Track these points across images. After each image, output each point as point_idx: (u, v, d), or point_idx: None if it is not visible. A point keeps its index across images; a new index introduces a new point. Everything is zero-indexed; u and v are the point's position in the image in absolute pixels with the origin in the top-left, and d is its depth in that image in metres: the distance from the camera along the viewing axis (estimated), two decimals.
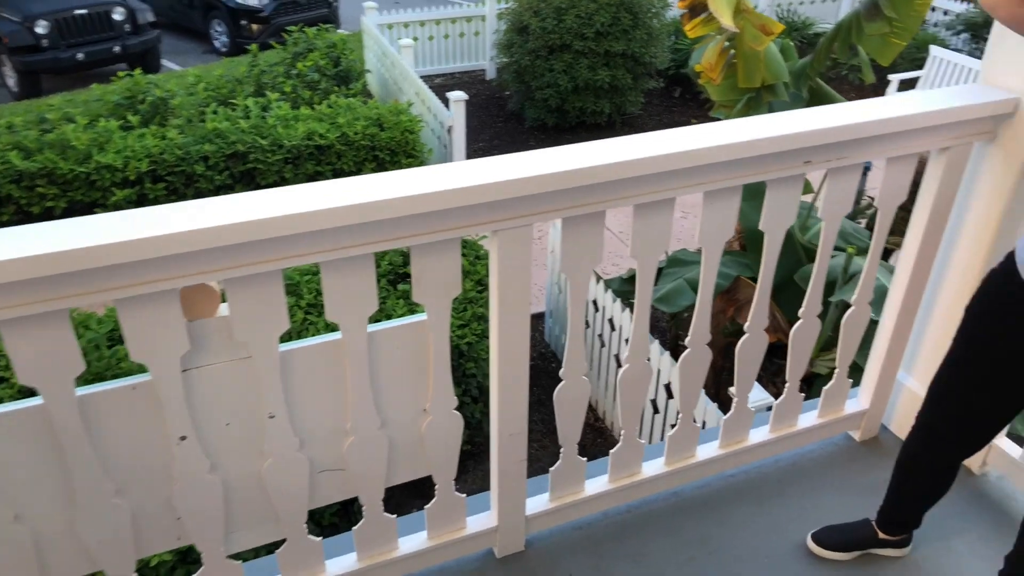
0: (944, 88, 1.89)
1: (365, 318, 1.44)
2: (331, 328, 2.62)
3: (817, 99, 3.60)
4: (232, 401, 1.44)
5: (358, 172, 5.83)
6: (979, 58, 7.94)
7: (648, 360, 1.82)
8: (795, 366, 2.07)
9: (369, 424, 1.55)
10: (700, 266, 3.76)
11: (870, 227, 4.47)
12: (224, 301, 1.36)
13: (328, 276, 1.37)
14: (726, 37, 3.37)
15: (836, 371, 2.16)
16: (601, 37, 7.62)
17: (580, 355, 1.72)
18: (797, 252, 3.58)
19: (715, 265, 1.77)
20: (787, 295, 3.45)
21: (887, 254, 4.32)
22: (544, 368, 4.86)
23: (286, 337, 1.44)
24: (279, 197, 1.27)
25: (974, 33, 8.34)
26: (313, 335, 3.42)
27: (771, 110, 3.62)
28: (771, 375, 4.06)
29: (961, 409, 1.63)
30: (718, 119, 3.99)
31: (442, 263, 1.45)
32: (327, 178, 5.74)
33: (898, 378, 2.22)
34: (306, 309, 3.55)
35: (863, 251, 3.59)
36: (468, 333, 3.66)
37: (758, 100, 3.59)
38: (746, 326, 1.94)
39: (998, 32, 1.82)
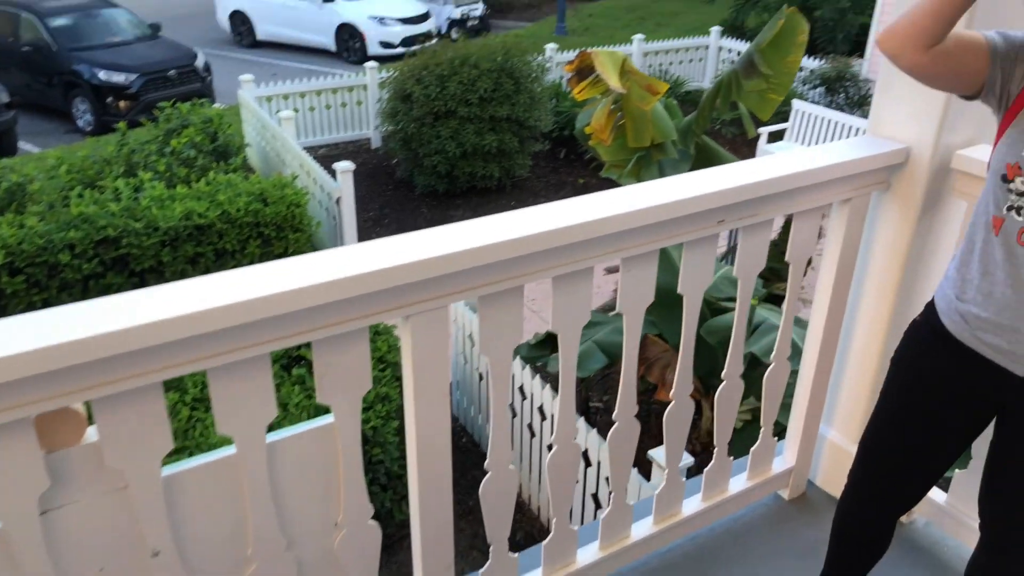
0: (840, 141, 1.92)
1: (263, 427, 1.26)
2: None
3: (704, 155, 3.69)
4: (107, 541, 1.21)
5: (242, 251, 5.53)
6: (835, 109, 8.56)
7: (576, 441, 1.71)
8: (722, 429, 2.00)
9: (273, 547, 1.35)
10: (608, 326, 3.75)
11: None
12: (91, 424, 1.15)
13: (217, 383, 1.19)
14: (613, 99, 3.41)
15: (762, 430, 2.11)
16: (485, 102, 7.70)
17: (506, 444, 1.58)
18: None
19: (637, 333, 1.69)
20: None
21: (777, 300, 4.44)
22: (453, 443, 4.67)
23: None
24: (154, 298, 1.08)
25: (828, 87, 9.00)
26: (200, 434, 3.12)
27: (661, 168, 3.68)
28: None
29: (892, 465, 1.59)
30: (610, 179, 4.02)
31: (349, 356, 1.29)
32: (208, 260, 5.41)
33: (820, 431, 2.20)
34: (192, 405, 3.24)
35: (762, 300, 3.65)
36: (372, 416, 3.45)
37: (648, 159, 3.64)
38: (672, 393, 1.87)
39: (883, 85, 1.87)
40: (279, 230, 5.64)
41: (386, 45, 13.50)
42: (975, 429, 1.48)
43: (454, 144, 7.68)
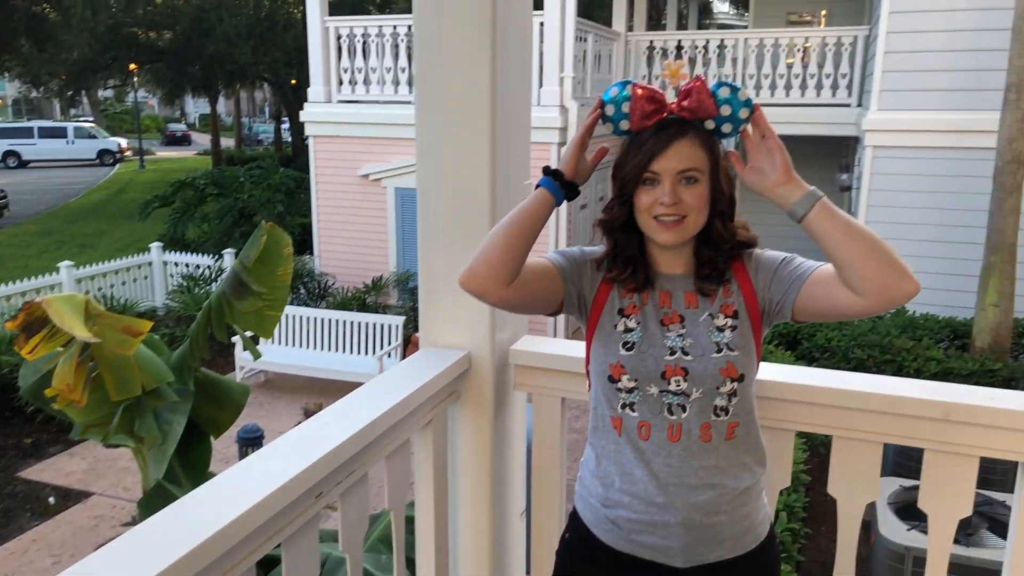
0: (403, 363, 1.76)
1: None
2: None
3: (207, 389, 3.22)
4: None
5: None
6: (300, 305, 8.77)
7: None
8: None
9: None
10: None
11: None
12: None
13: None
14: (79, 349, 2.74)
15: None
16: None
17: None
18: None
19: None
20: None
21: None
22: None
23: None
24: None
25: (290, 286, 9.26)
26: None
27: (159, 416, 3.08)
28: None
29: None
30: (85, 440, 3.22)
31: None
32: None
33: None
34: None
35: None
36: None
37: (141, 408, 3.01)
38: None
39: (427, 298, 1.79)
40: None
41: None
42: None
43: None
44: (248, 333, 3.39)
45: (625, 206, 1.31)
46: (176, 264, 10.11)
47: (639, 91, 1.27)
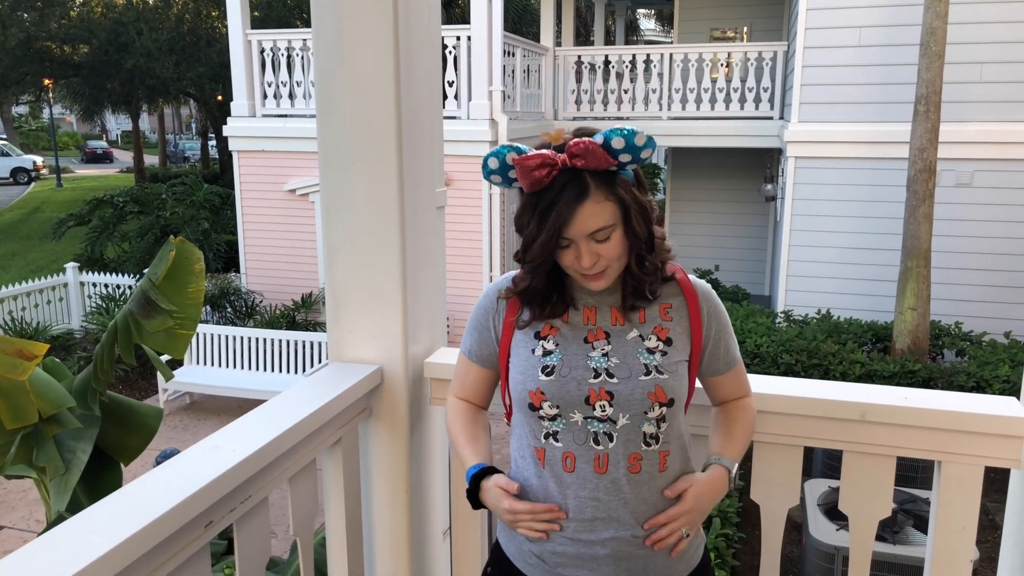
0: (311, 378, 1.66)
1: None
2: None
3: (115, 414, 3.04)
4: None
5: None
6: (227, 324, 8.49)
7: None
8: None
9: None
10: None
11: None
12: None
13: None
14: None
15: None
16: None
17: None
18: None
19: None
20: None
21: None
22: None
23: None
24: None
25: (214, 304, 8.95)
26: None
27: (61, 443, 2.89)
28: None
29: None
30: None
31: None
32: None
33: None
34: None
35: None
36: None
37: (39, 436, 2.81)
38: None
39: (334, 310, 1.70)
40: None
41: None
42: None
43: None
44: (164, 357, 3.23)
45: (544, 264, 1.24)
46: (94, 285, 9.68)
47: (529, 162, 1.16)
